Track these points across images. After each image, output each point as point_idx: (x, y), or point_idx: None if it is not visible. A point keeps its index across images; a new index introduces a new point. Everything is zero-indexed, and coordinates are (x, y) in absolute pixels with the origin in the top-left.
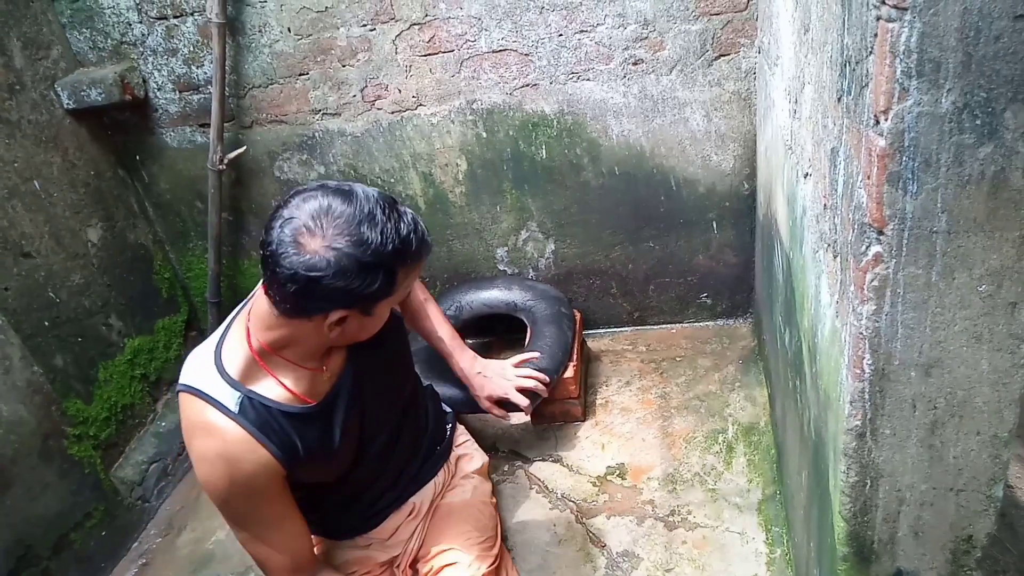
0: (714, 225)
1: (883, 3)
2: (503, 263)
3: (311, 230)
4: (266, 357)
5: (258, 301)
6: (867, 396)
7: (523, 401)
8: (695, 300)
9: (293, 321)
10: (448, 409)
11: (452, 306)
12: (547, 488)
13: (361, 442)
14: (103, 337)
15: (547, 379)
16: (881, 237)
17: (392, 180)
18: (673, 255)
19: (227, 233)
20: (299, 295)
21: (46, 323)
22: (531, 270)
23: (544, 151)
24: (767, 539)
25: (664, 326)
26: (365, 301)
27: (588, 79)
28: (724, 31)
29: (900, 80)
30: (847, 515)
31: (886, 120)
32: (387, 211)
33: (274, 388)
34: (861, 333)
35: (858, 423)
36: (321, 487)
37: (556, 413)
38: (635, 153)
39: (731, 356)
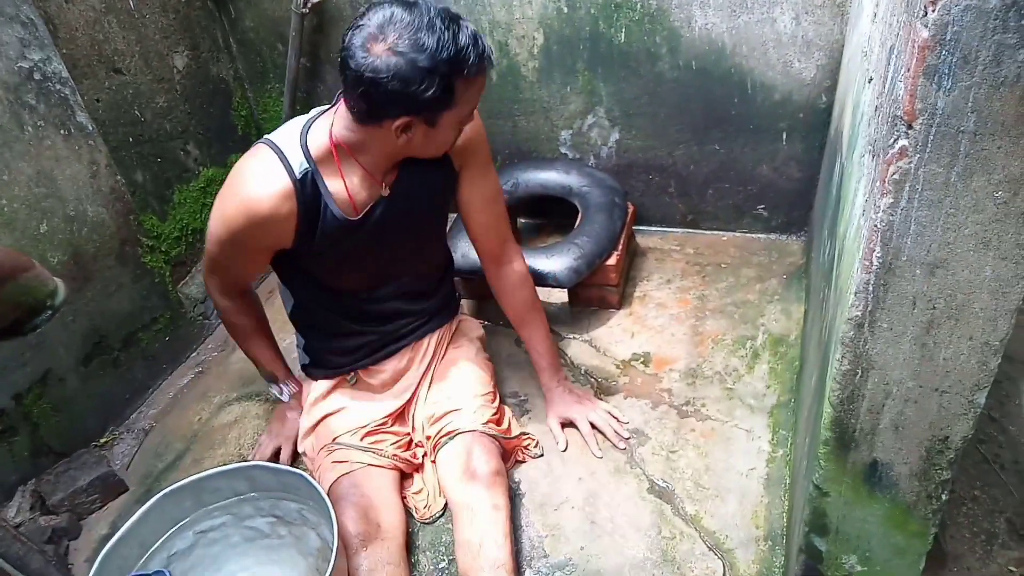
0: (784, 136)
1: None
2: (565, 146)
3: (376, 36)
4: (342, 154)
5: (342, 104)
6: (871, 288)
7: (561, 439)
8: (751, 210)
9: (366, 127)
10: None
11: (508, 182)
12: (572, 364)
13: (367, 269)
14: (180, 162)
15: (627, 436)
16: (909, 131)
17: None
18: (736, 161)
19: (304, 79)
20: (366, 97)
21: (130, 139)
22: (592, 157)
23: (623, 35)
24: (772, 439)
25: (716, 232)
26: (426, 108)
27: None
28: None
29: None
30: (835, 401)
31: (933, 11)
32: (446, 22)
33: (337, 183)
34: (875, 226)
35: (858, 313)
36: (348, 297)
37: (593, 298)
38: (715, 49)
39: (776, 270)
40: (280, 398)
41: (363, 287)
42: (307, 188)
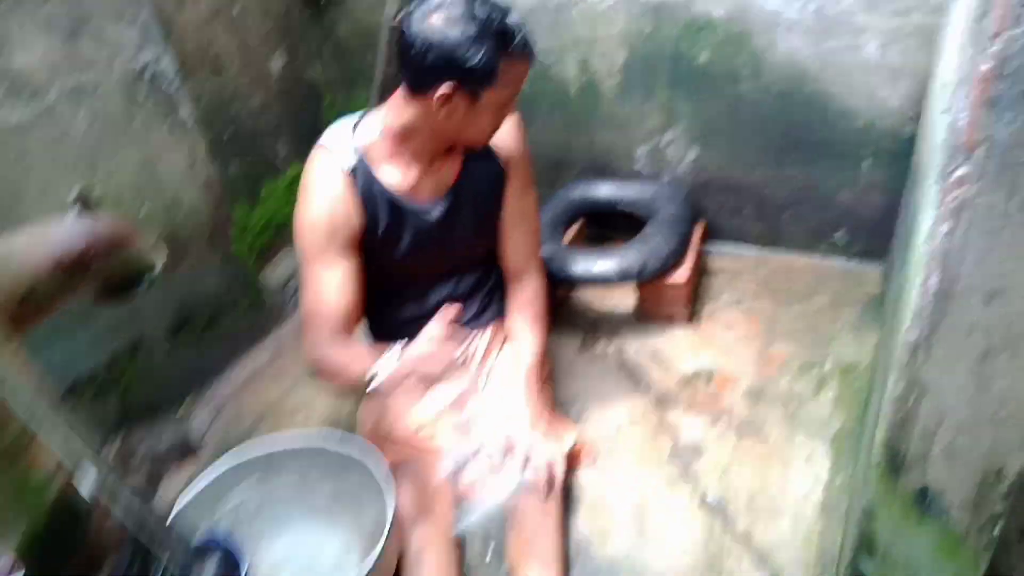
0: (866, 162)
1: None
2: (641, 163)
3: (433, 8)
4: (393, 144)
5: (395, 93)
6: (927, 313)
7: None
8: (829, 236)
9: (414, 101)
10: None
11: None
12: (634, 375)
13: (428, 260)
14: (270, 159)
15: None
16: (968, 160)
17: (549, 61)
18: (816, 185)
19: (390, 87)
20: (416, 62)
21: (226, 135)
22: (668, 174)
23: (705, 56)
24: (832, 467)
25: (791, 255)
26: (469, 79)
27: None
28: None
29: (1015, 5)
30: (887, 424)
31: (996, 44)
32: (497, 7)
33: (388, 171)
34: (933, 252)
35: (914, 338)
36: (399, 292)
37: (662, 315)
38: (797, 73)
39: (851, 298)
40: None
41: (422, 278)
42: (359, 179)
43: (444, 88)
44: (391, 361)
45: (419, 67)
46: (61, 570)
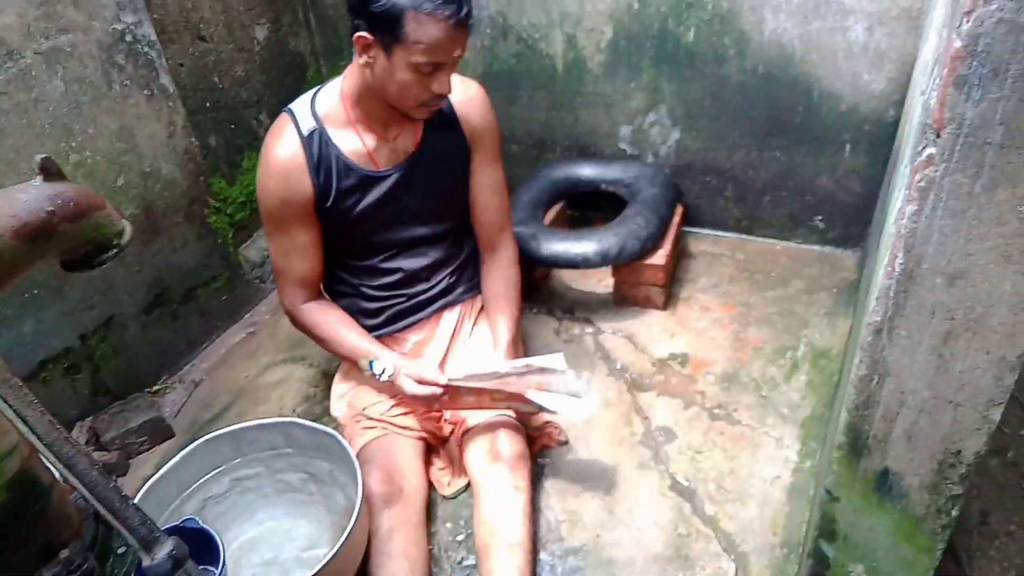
0: (847, 147)
1: None
2: (625, 142)
3: None
4: (350, 109)
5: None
6: (891, 294)
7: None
8: (807, 221)
9: (357, 59)
10: None
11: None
12: (609, 357)
13: (385, 228)
14: (252, 129)
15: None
16: (937, 140)
17: (536, 36)
18: (796, 170)
19: None
20: (348, 6)
21: (207, 104)
22: (651, 155)
23: (692, 34)
24: (801, 450)
25: (769, 240)
26: (378, 27)
27: None
28: None
29: None
30: (850, 406)
31: (967, 22)
32: None
33: (344, 136)
34: (900, 232)
35: (878, 319)
36: (362, 262)
37: (639, 297)
38: (784, 55)
39: (827, 284)
40: (394, 364)
41: (385, 248)
42: (315, 144)
43: (362, 35)
44: (390, 365)
45: (349, 12)
46: (20, 546)
